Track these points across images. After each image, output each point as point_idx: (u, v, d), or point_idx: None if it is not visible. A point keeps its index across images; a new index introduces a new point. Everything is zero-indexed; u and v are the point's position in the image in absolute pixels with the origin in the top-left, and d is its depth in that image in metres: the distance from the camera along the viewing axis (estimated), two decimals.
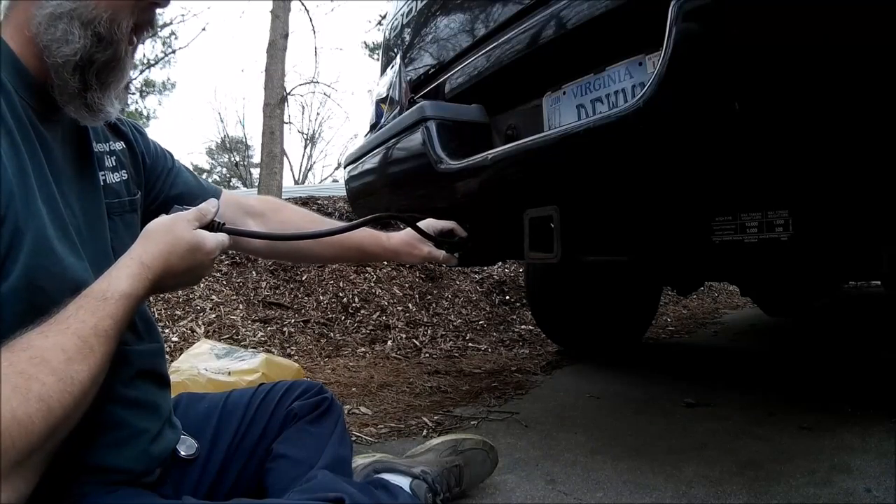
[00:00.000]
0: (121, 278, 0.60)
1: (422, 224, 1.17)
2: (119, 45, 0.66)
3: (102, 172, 0.75)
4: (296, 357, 2.34)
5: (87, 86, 0.65)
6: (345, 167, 1.85)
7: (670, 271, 2.07)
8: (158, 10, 0.71)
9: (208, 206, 0.72)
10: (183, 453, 0.80)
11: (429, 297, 3.20)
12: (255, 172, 16.83)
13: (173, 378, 1.17)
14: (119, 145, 0.81)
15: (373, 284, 3.17)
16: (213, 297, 2.87)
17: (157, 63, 13.10)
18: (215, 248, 0.70)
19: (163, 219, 0.68)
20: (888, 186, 0.82)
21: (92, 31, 0.63)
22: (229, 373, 1.54)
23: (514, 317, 3.19)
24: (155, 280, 0.63)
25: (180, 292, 2.90)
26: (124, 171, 0.80)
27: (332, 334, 2.69)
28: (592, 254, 1.14)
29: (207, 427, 0.86)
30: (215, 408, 0.90)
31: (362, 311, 2.92)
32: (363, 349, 2.54)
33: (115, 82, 0.68)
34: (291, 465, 0.82)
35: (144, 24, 0.70)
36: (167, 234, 0.66)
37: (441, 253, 1.19)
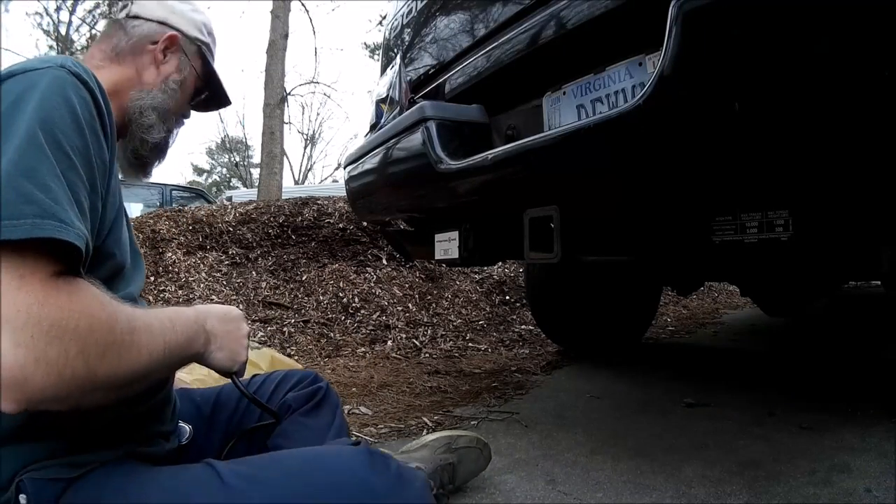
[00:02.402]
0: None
1: None
2: (172, 137, 0.92)
3: None
4: (296, 357, 2.34)
5: (148, 159, 0.89)
6: (345, 167, 1.85)
7: (670, 271, 2.07)
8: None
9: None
10: (179, 439, 0.81)
11: (429, 297, 3.20)
12: (255, 172, 16.84)
13: (185, 377, 1.17)
14: None
15: (373, 284, 3.17)
16: (214, 297, 2.87)
17: None
18: (242, 316, 0.83)
19: None
20: (888, 186, 0.83)
21: (167, 126, 0.88)
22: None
23: (514, 317, 3.19)
24: (202, 314, 0.74)
25: (180, 292, 2.90)
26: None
27: (332, 334, 2.69)
28: (592, 254, 1.14)
29: (200, 418, 0.87)
30: (208, 400, 0.91)
31: (362, 311, 2.92)
32: (363, 349, 2.54)
33: (162, 159, 0.92)
34: None
35: (177, 125, 0.95)
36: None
37: None
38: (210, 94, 0.99)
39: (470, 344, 2.72)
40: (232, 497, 0.59)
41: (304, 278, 3.16)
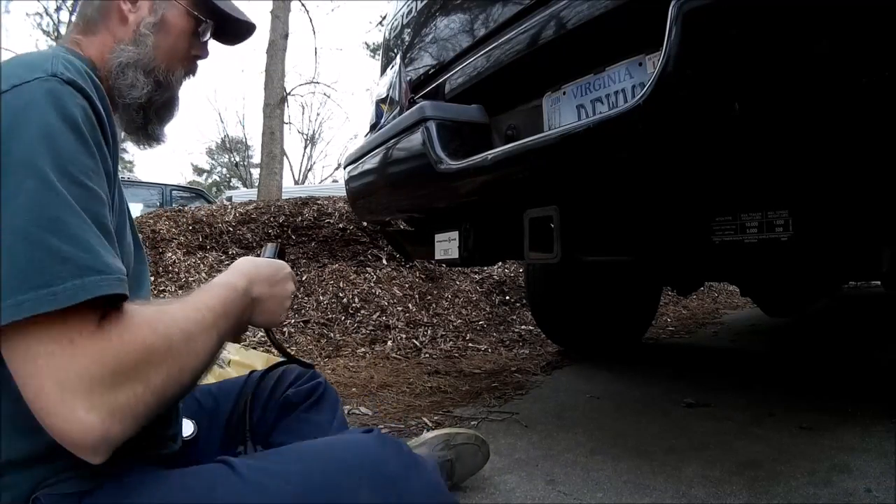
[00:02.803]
0: (218, 277, 0.72)
1: None
2: (173, 90, 0.81)
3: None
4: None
5: (148, 120, 0.80)
6: (345, 167, 1.85)
7: (670, 271, 2.07)
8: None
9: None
10: (184, 435, 0.81)
11: (429, 297, 3.20)
12: (255, 172, 16.83)
13: None
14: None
15: (373, 284, 3.17)
16: None
17: None
18: (290, 273, 0.81)
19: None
20: (888, 186, 0.83)
21: (153, 78, 0.77)
22: (229, 362, 1.54)
23: (514, 317, 3.19)
24: (249, 280, 0.72)
25: (180, 292, 2.90)
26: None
27: (332, 334, 2.69)
28: (592, 254, 1.14)
29: (202, 412, 0.87)
30: (207, 394, 0.90)
31: (362, 312, 2.92)
32: (363, 349, 2.54)
33: (169, 117, 0.83)
34: None
35: (191, 71, 0.85)
36: (251, 258, 0.79)
37: None
38: (219, 22, 0.84)
39: (470, 344, 2.72)
40: (253, 491, 0.58)
41: (304, 278, 3.16)
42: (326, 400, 0.92)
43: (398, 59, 1.60)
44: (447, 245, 1.48)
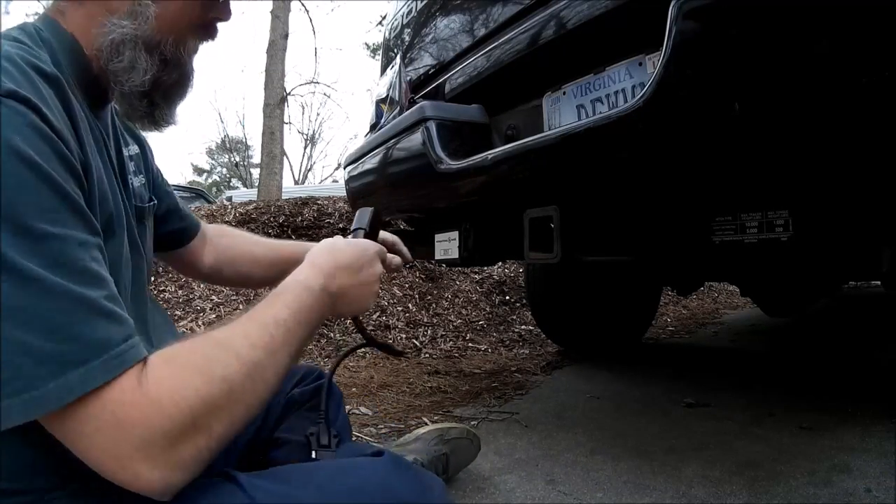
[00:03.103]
0: (293, 274, 0.63)
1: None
2: (185, 66, 0.66)
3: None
4: None
5: (154, 105, 0.65)
6: (345, 167, 1.85)
7: (670, 271, 2.07)
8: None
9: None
10: None
11: (429, 297, 3.20)
12: (255, 172, 16.84)
13: None
14: (135, 149, 0.78)
15: None
16: (213, 297, 2.87)
17: None
18: (377, 251, 0.73)
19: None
20: (888, 187, 0.83)
21: (158, 55, 0.62)
22: None
23: (514, 317, 3.19)
24: (327, 275, 0.64)
25: (179, 293, 2.90)
26: (142, 175, 0.78)
27: (331, 334, 2.68)
28: (592, 254, 1.14)
29: None
30: None
31: None
32: (363, 349, 2.54)
33: (181, 97, 0.68)
34: (297, 451, 0.82)
35: (208, 36, 0.68)
36: (329, 243, 0.71)
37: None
38: None
39: (470, 344, 2.72)
40: None
41: None
42: (331, 399, 0.92)
43: (398, 59, 1.60)
44: (447, 245, 1.48)
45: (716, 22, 0.70)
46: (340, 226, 3.67)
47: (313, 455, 0.82)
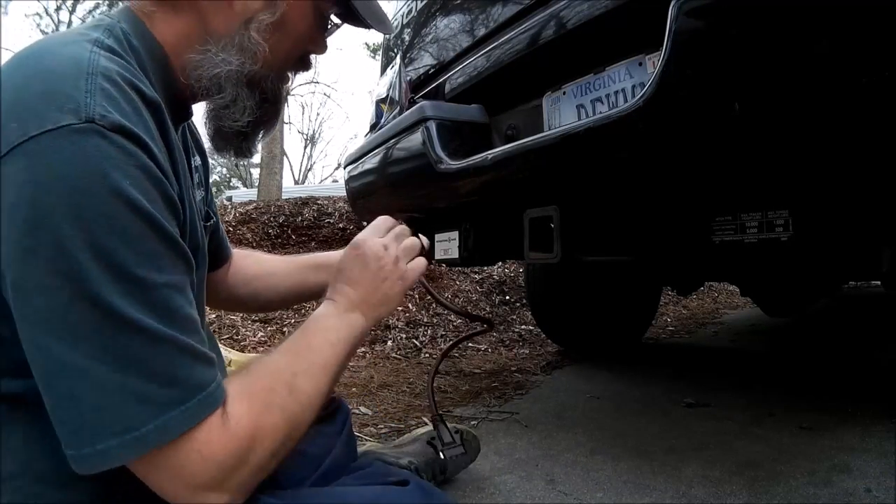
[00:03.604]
0: (321, 307, 0.66)
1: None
2: (282, 103, 0.64)
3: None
4: None
5: (246, 140, 0.64)
6: (345, 167, 1.85)
7: (670, 271, 2.07)
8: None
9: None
10: None
11: (429, 297, 3.19)
12: (256, 172, 16.83)
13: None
14: (198, 160, 0.74)
15: None
16: None
17: None
18: (383, 227, 0.73)
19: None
20: (888, 186, 0.82)
21: (259, 92, 0.60)
22: (230, 362, 1.55)
23: (514, 317, 3.19)
24: (355, 294, 0.66)
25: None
26: (202, 189, 0.75)
27: None
28: (592, 254, 1.14)
29: None
30: None
31: None
32: (363, 349, 2.54)
33: (271, 131, 0.67)
34: (303, 461, 0.82)
35: (303, 68, 0.67)
36: (340, 260, 0.71)
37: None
38: (343, 12, 0.64)
39: (470, 344, 2.72)
40: None
41: None
42: (340, 414, 0.93)
43: (398, 59, 1.60)
44: (447, 245, 1.48)
45: (716, 22, 0.70)
46: (340, 225, 3.67)
47: (441, 456, 0.82)
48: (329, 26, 0.65)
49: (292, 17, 0.59)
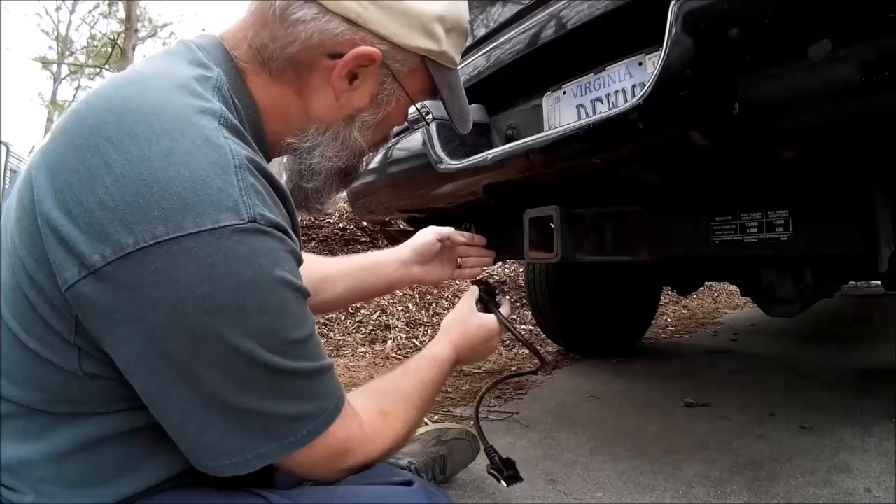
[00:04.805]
0: (431, 345, 0.83)
1: (423, 234, 1.10)
2: (358, 173, 0.70)
3: None
4: None
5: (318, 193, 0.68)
6: None
7: (670, 271, 2.07)
8: None
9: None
10: None
11: (429, 297, 3.20)
12: None
13: None
14: None
15: None
16: None
17: None
18: (496, 326, 0.92)
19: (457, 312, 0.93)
20: (888, 187, 0.82)
21: (347, 175, 0.67)
22: None
23: (514, 317, 3.19)
24: (458, 349, 0.85)
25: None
26: None
27: (332, 334, 2.68)
28: (592, 254, 1.14)
29: None
30: None
31: (362, 311, 2.92)
32: (363, 349, 2.54)
33: (346, 188, 0.73)
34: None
35: (384, 142, 0.75)
36: (462, 318, 0.90)
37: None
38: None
39: None
40: None
41: None
42: None
43: None
44: None
45: (716, 22, 0.70)
46: (340, 225, 3.67)
47: (504, 485, 1.00)
48: (413, 118, 0.75)
49: (392, 114, 0.62)
